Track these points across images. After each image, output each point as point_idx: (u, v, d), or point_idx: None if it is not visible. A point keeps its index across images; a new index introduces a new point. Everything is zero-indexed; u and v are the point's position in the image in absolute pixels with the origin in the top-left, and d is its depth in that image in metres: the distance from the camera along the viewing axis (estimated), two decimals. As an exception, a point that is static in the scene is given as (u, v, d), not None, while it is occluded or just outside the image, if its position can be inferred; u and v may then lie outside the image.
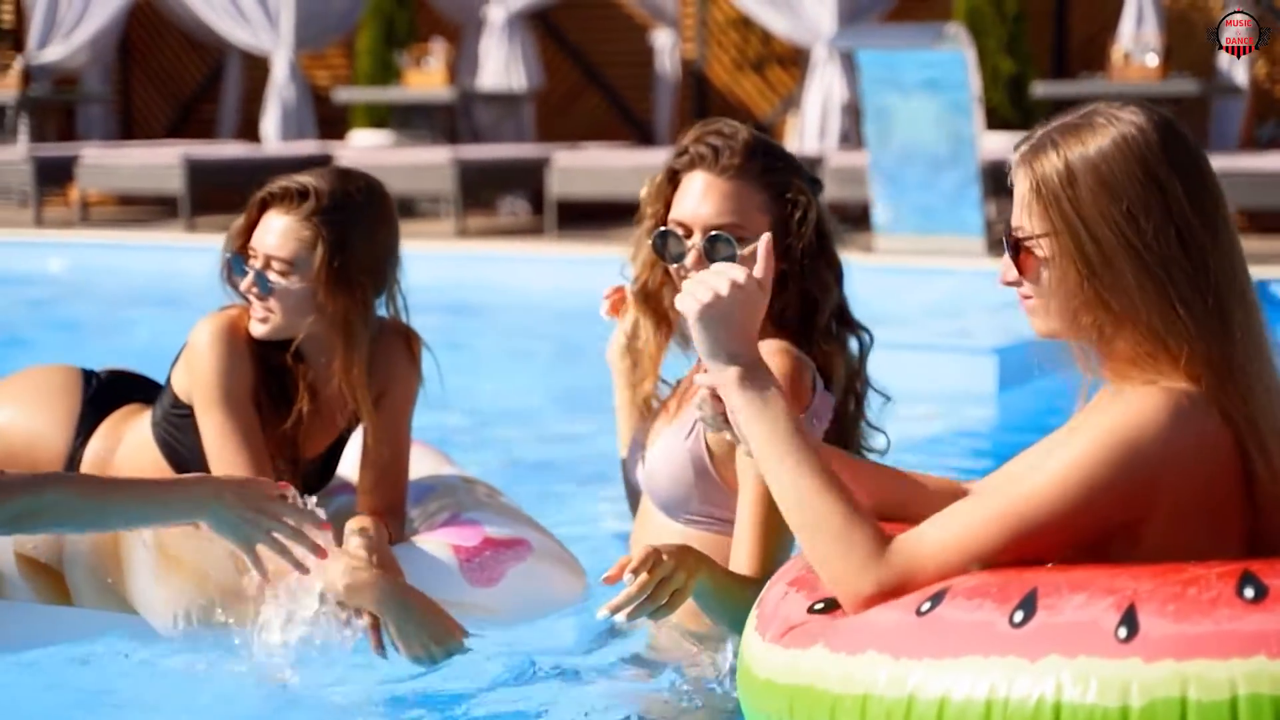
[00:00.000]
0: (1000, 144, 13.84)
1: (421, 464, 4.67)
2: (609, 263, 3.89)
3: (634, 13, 17.47)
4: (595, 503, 6.09)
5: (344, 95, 16.39)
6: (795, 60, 16.66)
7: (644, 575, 3.22)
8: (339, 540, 4.16)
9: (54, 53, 17.63)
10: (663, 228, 3.66)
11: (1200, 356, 2.57)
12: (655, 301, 3.83)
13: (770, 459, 2.68)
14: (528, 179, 14.57)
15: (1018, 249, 2.67)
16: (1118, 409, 2.57)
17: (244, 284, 4.21)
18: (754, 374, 2.72)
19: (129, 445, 4.40)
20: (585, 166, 13.81)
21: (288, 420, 4.26)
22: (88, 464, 4.38)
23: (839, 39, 13.16)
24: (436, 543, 4.22)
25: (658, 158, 13.66)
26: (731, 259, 3.57)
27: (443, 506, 4.42)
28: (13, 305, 12.22)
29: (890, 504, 2.90)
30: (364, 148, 15.80)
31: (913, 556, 2.60)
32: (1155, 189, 2.57)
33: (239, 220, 4.26)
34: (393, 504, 4.28)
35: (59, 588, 4.10)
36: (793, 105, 16.29)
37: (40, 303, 12.41)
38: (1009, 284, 2.71)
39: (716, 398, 2.85)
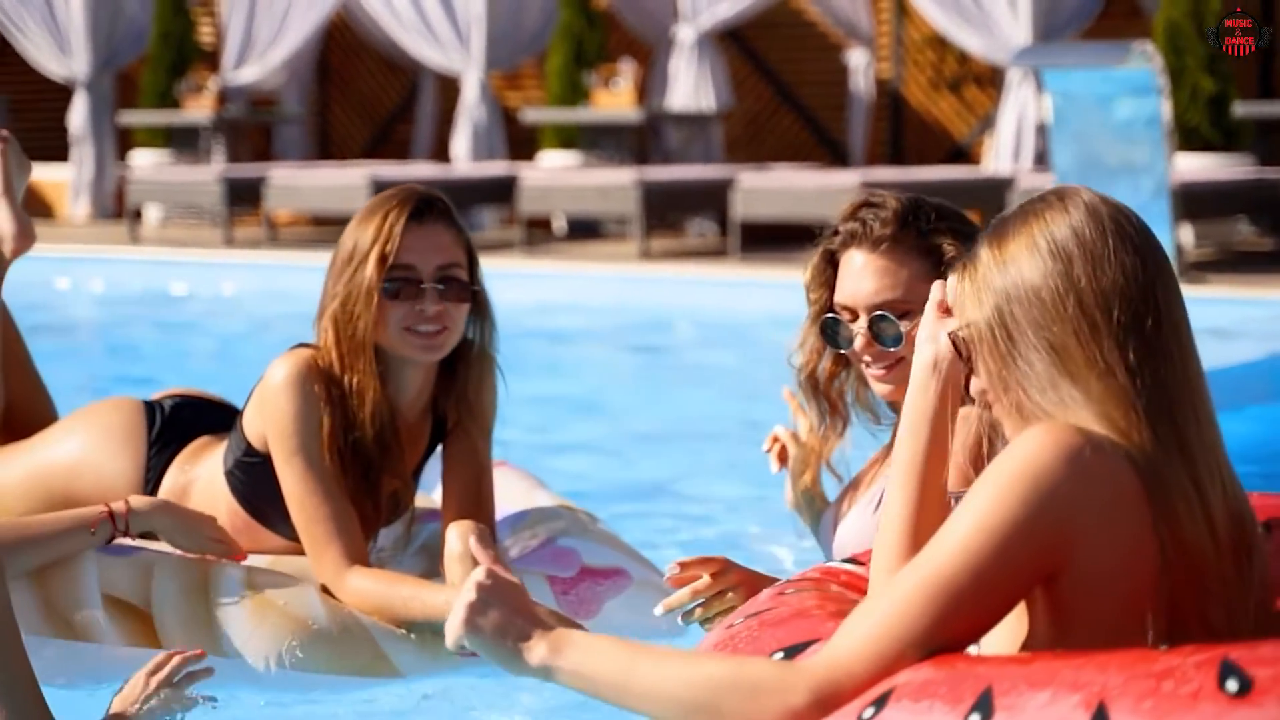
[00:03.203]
0: (1198, 165, 13.46)
1: (513, 488, 4.51)
2: (790, 286, 3.72)
3: (828, 31, 17.27)
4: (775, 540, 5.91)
5: (531, 116, 16.35)
6: (993, 79, 16.37)
7: (704, 580, 3.32)
8: (439, 567, 4.03)
9: (249, 74, 17.78)
10: (828, 315, 3.54)
11: (1108, 430, 2.40)
12: (823, 391, 3.68)
13: (622, 688, 2.42)
14: (713, 200, 14.40)
15: (961, 350, 2.56)
16: (1015, 449, 2.39)
17: (430, 303, 4.02)
18: (557, 637, 2.45)
19: (201, 492, 4.25)
20: (770, 188, 13.62)
21: (375, 456, 4.09)
22: None
23: (1022, 57, 12.85)
24: (531, 574, 4.07)
25: (844, 179, 13.46)
26: (899, 338, 3.45)
27: (537, 533, 4.26)
28: (190, 323, 12.30)
29: None
30: (550, 169, 15.75)
31: (835, 654, 2.36)
32: (1055, 276, 2.45)
33: (384, 244, 4.03)
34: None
35: (147, 630, 3.99)
36: (990, 125, 16.01)
37: (219, 322, 12.48)
38: (981, 396, 2.56)
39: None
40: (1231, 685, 2.14)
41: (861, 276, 3.50)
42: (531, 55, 17.51)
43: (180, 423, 4.35)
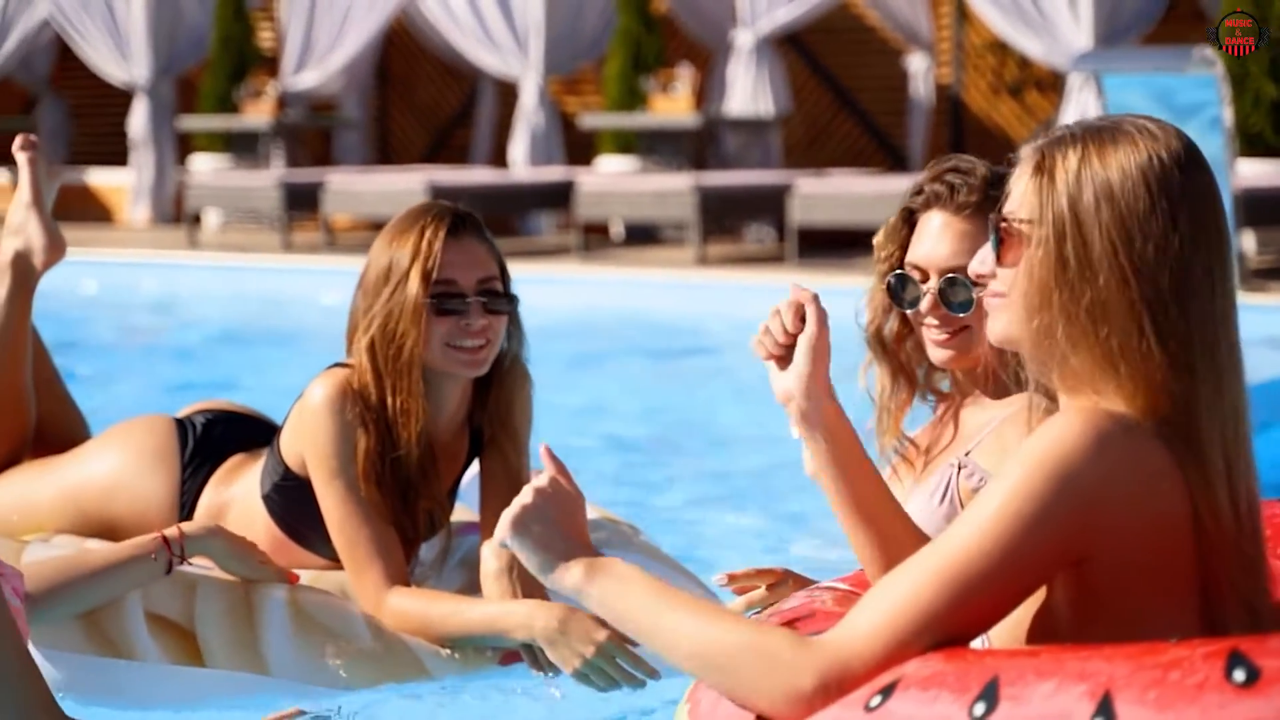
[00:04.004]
0: (1260, 171, 13.36)
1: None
2: (848, 293, 3.67)
3: (888, 36, 17.22)
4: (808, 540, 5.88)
5: (589, 121, 16.34)
6: (1054, 84, 16.29)
7: (760, 591, 3.38)
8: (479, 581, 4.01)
9: (309, 79, 17.81)
10: (898, 271, 3.45)
11: (1155, 388, 2.32)
12: (892, 351, 3.56)
13: (645, 629, 2.45)
14: (771, 206, 14.37)
15: (1000, 233, 2.44)
16: (1043, 434, 2.31)
17: (476, 317, 4.00)
18: (594, 563, 2.50)
19: (238, 512, 4.22)
20: (828, 193, 13.57)
21: (415, 477, 4.06)
22: None
23: (1083, 62, 12.77)
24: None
25: (902, 185, 13.35)
26: (969, 304, 3.38)
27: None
28: (247, 327, 12.32)
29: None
30: (608, 174, 15.74)
31: (847, 638, 2.32)
32: (1163, 212, 2.34)
33: (426, 261, 3.99)
34: None
35: (190, 648, 3.97)
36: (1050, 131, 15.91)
37: (276, 326, 12.50)
38: (980, 278, 2.47)
39: None
40: (1239, 675, 2.12)
41: (940, 238, 3.43)
42: (590, 60, 17.50)
43: (212, 440, 4.33)
